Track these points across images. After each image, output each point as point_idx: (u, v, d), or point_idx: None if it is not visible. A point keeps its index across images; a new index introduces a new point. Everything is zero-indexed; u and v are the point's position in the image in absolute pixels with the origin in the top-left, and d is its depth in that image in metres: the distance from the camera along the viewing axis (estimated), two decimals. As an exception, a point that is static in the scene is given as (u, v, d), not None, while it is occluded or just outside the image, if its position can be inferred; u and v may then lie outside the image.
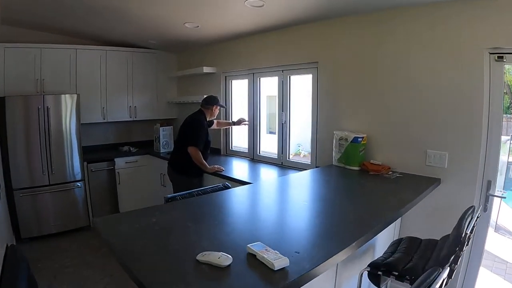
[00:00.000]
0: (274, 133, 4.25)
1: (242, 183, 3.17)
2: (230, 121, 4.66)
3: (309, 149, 3.75)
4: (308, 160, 3.76)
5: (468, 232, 1.73)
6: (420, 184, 2.50)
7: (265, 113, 4.48)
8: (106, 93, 4.94)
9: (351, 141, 3.01)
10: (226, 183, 2.43)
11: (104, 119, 4.97)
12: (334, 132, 3.18)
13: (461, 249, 1.72)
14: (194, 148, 3.53)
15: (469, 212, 1.85)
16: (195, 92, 5.28)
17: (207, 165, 3.62)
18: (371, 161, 3.02)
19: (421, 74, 2.74)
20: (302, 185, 2.71)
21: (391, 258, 2.01)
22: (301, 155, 4.17)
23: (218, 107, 3.90)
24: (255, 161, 4.36)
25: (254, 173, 3.85)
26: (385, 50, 2.94)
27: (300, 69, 3.72)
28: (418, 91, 2.76)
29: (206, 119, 3.76)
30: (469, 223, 1.78)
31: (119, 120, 5.23)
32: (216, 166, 3.69)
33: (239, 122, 4.49)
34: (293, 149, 4.16)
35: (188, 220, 1.74)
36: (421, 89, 2.74)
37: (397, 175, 2.77)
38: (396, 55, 2.88)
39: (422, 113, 2.75)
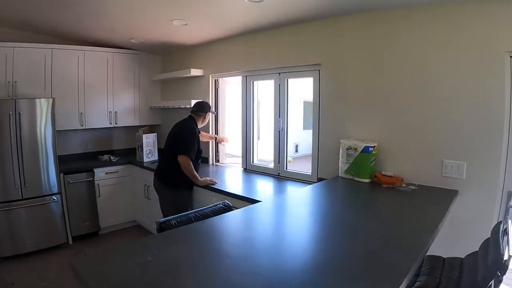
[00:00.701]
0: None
1: (240, 198, 2.98)
2: (213, 135, 4.49)
3: (293, 155, 3.57)
4: (307, 171, 3.58)
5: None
6: (441, 197, 2.34)
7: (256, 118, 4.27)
8: (84, 98, 4.64)
9: (361, 151, 2.83)
10: (227, 202, 2.19)
11: (82, 125, 4.66)
12: (341, 141, 3.00)
13: (503, 273, 1.55)
14: (185, 157, 3.29)
15: (502, 228, 1.69)
16: (181, 97, 5.06)
17: (198, 177, 3.39)
18: (383, 173, 2.85)
19: (437, 78, 2.58)
20: (314, 203, 2.47)
21: (417, 282, 1.83)
22: (289, 161, 3.99)
23: (210, 114, 3.71)
24: (249, 171, 4.14)
25: (249, 186, 3.63)
26: (397, 51, 2.78)
27: (300, 71, 3.53)
28: (433, 96, 2.61)
29: (197, 127, 3.53)
30: (507, 242, 1.62)
31: (98, 127, 4.93)
32: (208, 178, 3.46)
33: (221, 140, 4.45)
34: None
35: (193, 258, 1.42)
36: (436, 94, 2.59)
37: (412, 187, 2.60)
38: (409, 57, 2.72)
39: (438, 120, 2.60)
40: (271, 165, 3.93)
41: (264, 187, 3.54)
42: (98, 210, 4.56)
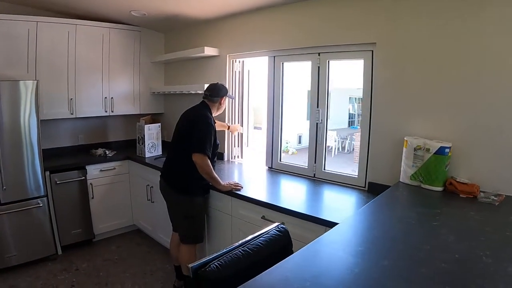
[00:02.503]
0: (260, 128, 3.61)
1: (285, 212, 2.48)
2: (226, 123, 3.93)
3: (297, 146, 3.09)
4: (348, 171, 3.07)
5: None
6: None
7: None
8: (75, 81, 4.06)
9: (434, 153, 2.32)
10: (282, 225, 1.65)
11: (72, 114, 4.09)
12: (407, 139, 2.48)
13: None
14: (201, 156, 2.74)
15: None
16: (188, 81, 4.53)
17: (220, 180, 2.87)
18: (457, 179, 2.35)
19: None
20: (408, 225, 1.77)
21: None
22: (289, 153, 3.52)
23: (226, 99, 3.20)
24: (275, 171, 3.63)
25: (281, 192, 3.13)
26: (475, 33, 2.27)
27: (346, 51, 2.98)
28: None
29: (212, 115, 3.00)
30: None
31: (91, 116, 4.38)
32: (232, 182, 2.95)
33: (234, 129, 3.95)
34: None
35: None
36: None
37: (492, 197, 2.13)
38: (489, 41, 2.21)
39: None
40: (305, 164, 3.41)
41: (307, 195, 3.01)
42: (92, 214, 4.03)
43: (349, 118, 16.41)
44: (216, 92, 3.06)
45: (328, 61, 3.10)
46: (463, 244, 1.48)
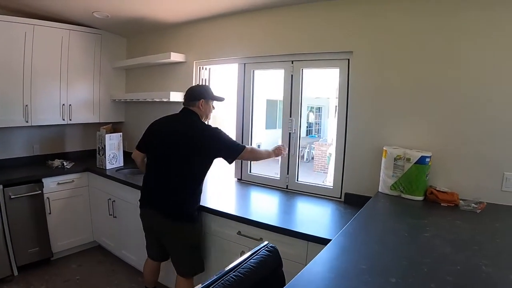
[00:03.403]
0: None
1: (254, 224, 2.46)
2: None
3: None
4: (323, 183, 3.09)
5: None
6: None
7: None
8: (31, 86, 3.82)
9: (415, 162, 2.38)
10: (270, 245, 1.58)
11: (27, 121, 3.84)
12: (386, 149, 2.53)
13: None
14: (244, 153, 2.64)
15: None
16: (152, 88, 4.41)
17: (270, 150, 2.96)
18: (437, 188, 2.42)
19: (501, 78, 2.24)
20: (402, 238, 1.76)
21: None
22: None
23: (209, 103, 2.80)
24: (244, 183, 3.60)
25: (255, 205, 3.11)
26: (454, 41, 2.38)
27: (321, 60, 3.01)
28: (495, 97, 2.28)
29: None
30: None
31: (48, 124, 4.14)
32: (281, 145, 3.06)
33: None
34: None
35: None
36: (499, 94, 2.26)
37: (473, 205, 2.21)
38: (469, 49, 2.33)
39: (499, 126, 2.28)
40: (276, 176, 3.40)
41: (283, 208, 2.98)
42: (49, 231, 3.77)
43: (307, 127, 16.72)
44: (203, 93, 2.73)
45: (302, 70, 3.13)
46: (461, 255, 1.51)
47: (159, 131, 2.71)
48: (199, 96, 2.70)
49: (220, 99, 2.86)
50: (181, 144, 2.54)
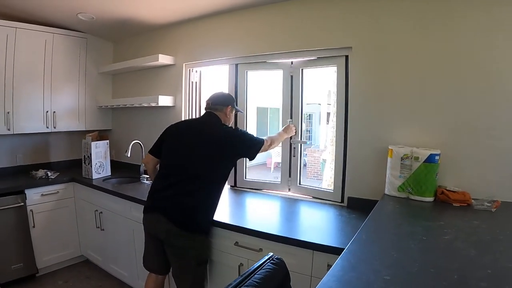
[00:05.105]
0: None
1: (253, 234, 2.33)
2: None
3: (248, 163, 3.05)
4: (324, 186, 3.00)
5: None
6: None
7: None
8: (13, 92, 3.69)
9: (424, 161, 2.29)
10: (276, 256, 1.46)
11: (8, 129, 3.71)
12: (392, 148, 2.45)
13: None
14: (264, 146, 2.69)
15: None
16: (140, 93, 4.29)
17: (281, 131, 3.02)
18: (447, 188, 2.34)
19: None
20: (422, 242, 1.64)
21: None
22: None
23: (233, 111, 2.81)
24: (239, 190, 3.51)
25: (252, 213, 2.98)
26: (460, 35, 2.32)
27: (318, 57, 2.95)
28: (503, 93, 2.22)
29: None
30: None
31: (31, 132, 4.01)
32: (289, 123, 3.12)
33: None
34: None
35: None
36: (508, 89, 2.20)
37: (486, 203, 2.13)
38: (473, 44, 2.27)
39: (507, 121, 2.21)
40: (277, 180, 3.31)
41: (282, 215, 2.86)
42: (33, 246, 3.62)
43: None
44: (227, 100, 2.71)
45: (302, 70, 3.05)
46: (487, 257, 1.42)
47: (180, 133, 2.62)
48: (227, 102, 2.70)
49: (241, 111, 3.06)
50: (207, 146, 2.46)
